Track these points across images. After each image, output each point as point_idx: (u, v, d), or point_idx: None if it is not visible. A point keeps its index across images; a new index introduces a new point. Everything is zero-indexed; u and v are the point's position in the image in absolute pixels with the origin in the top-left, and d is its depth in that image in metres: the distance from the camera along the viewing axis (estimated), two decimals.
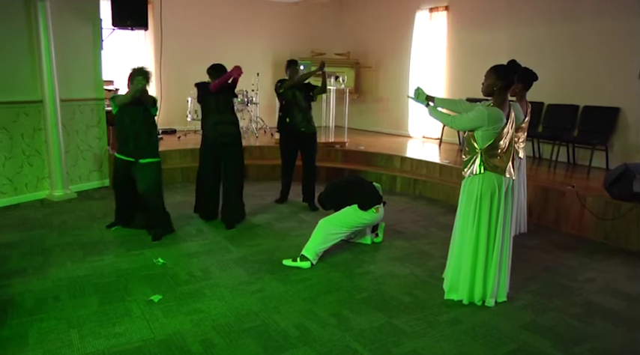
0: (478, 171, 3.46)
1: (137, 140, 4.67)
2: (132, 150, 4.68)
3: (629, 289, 3.94)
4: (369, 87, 11.02)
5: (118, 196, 4.97)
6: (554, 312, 3.48)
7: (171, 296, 3.55)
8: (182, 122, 9.26)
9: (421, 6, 9.57)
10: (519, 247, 4.56)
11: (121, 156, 4.75)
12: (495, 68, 3.43)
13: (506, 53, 7.33)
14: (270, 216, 5.67)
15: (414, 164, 7.53)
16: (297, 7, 10.35)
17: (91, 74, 6.40)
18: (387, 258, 4.50)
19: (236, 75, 5.07)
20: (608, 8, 6.74)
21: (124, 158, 4.74)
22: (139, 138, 4.67)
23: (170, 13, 9.05)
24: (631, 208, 4.80)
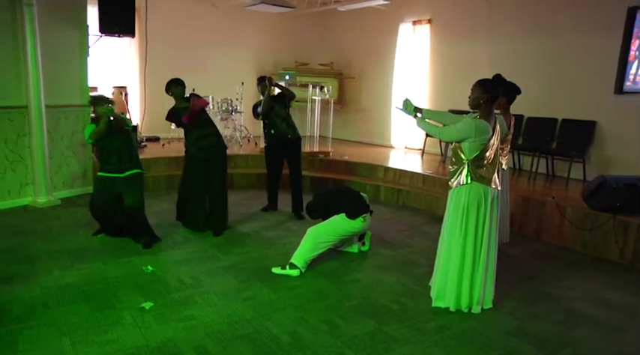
0: (465, 182, 3.56)
1: (119, 155, 4.74)
2: (115, 165, 4.73)
3: (607, 296, 4.08)
4: (352, 97, 11.15)
5: (99, 219, 4.92)
6: (538, 319, 3.59)
7: (162, 303, 3.56)
8: (166, 129, 9.21)
9: (404, 19, 9.75)
10: (502, 256, 4.66)
11: (105, 173, 4.77)
12: (481, 82, 3.56)
13: (487, 66, 7.54)
14: (257, 224, 5.70)
15: (397, 174, 7.65)
16: (281, 18, 10.44)
17: (76, 80, 6.38)
18: (374, 266, 4.57)
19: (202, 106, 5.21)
20: (584, 26, 6.99)
21: (109, 175, 4.76)
22: (121, 154, 4.74)
23: (156, 20, 9.05)
24: (608, 219, 4.97)
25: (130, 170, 4.77)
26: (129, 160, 4.79)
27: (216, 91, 9.24)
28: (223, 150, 5.34)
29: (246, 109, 9.80)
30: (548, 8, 7.43)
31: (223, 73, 10.04)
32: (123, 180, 4.73)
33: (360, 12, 9.90)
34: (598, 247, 5.08)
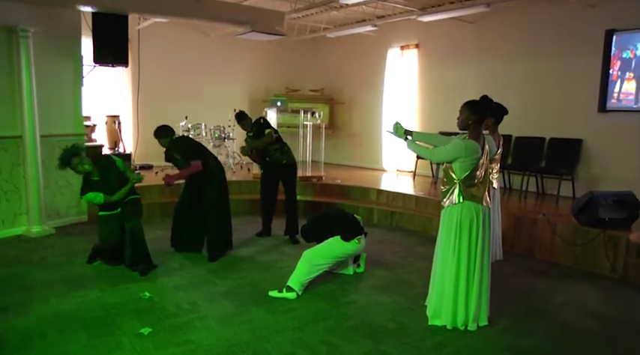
0: (457, 201, 3.63)
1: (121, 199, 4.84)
2: (117, 202, 4.82)
3: (601, 310, 4.14)
4: (343, 122, 11.30)
5: (108, 248, 4.97)
6: (533, 334, 3.64)
7: (160, 328, 3.56)
8: (159, 158, 9.23)
9: (392, 44, 9.98)
10: (496, 274, 4.70)
11: (109, 212, 4.84)
12: (469, 103, 3.67)
13: (475, 88, 7.71)
14: (252, 249, 5.73)
15: (390, 196, 7.72)
16: (271, 45, 10.63)
17: (71, 110, 6.46)
18: (369, 287, 4.61)
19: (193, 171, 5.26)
20: (566, 48, 7.21)
21: (112, 213, 4.84)
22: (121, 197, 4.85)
23: (148, 49, 9.20)
24: (598, 234, 5.06)
25: (128, 197, 4.88)
26: (127, 193, 4.89)
27: (208, 118, 9.34)
28: (214, 177, 5.37)
29: (238, 136, 9.90)
30: (531, 32, 7.67)
31: (215, 100, 10.17)
32: (123, 206, 4.82)
33: (349, 38, 10.12)
34: (589, 262, 5.15)
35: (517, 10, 7.64)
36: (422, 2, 8.04)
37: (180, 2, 6.92)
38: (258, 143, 6.03)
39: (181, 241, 5.47)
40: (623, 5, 6.63)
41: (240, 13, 7.53)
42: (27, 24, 5.69)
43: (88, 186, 4.71)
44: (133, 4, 6.63)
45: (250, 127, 6.13)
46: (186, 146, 5.38)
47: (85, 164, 4.62)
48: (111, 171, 4.82)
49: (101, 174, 4.73)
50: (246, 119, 6.16)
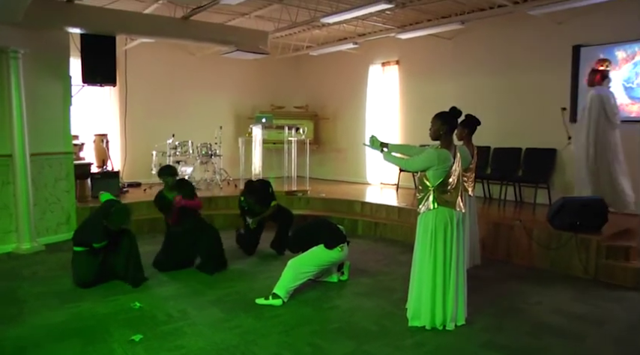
0: (432, 207, 3.85)
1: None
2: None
3: (572, 309, 4.36)
4: (327, 137, 11.54)
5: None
6: (509, 332, 3.84)
7: (151, 335, 3.70)
8: (147, 175, 9.42)
9: (374, 60, 10.28)
10: (475, 278, 4.92)
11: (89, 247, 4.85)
12: (439, 115, 3.92)
13: (454, 101, 7.79)
14: (239, 261, 5.87)
15: (373, 208, 7.92)
16: (256, 63, 10.88)
17: (60, 128, 6.60)
18: (353, 293, 4.78)
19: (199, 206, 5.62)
20: (539, 63, 7.54)
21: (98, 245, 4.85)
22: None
23: (135, 69, 9.41)
24: (570, 237, 5.31)
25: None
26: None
27: (195, 136, 9.52)
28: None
29: (224, 152, 10.10)
30: (505, 47, 8.01)
31: (202, 117, 10.37)
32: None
33: (332, 56, 10.42)
34: (563, 264, 5.38)
35: (491, 26, 7.98)
36: (401, 20, 8.36)
37: (167, 23, 7.16)
38: (266, 213, 6.14)
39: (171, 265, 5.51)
40: (589, 22, 7.00)
41: (225, 33, 7.78)
42: (17, 45, 5.85)
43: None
44: (120, 26, 6.85)
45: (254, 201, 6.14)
46: (190, 185, 5.71)
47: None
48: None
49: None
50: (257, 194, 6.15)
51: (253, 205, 6.08)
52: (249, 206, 6.11)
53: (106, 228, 4.76)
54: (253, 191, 6.12)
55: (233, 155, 10.42)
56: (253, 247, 6.25)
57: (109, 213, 4.81)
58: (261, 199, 6.11)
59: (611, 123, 6.16)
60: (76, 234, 5.01)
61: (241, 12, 8.01)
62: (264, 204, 6.12)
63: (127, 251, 4.87)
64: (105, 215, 4.80)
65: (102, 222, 4.77)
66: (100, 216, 4.86)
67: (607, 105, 6.13)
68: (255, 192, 6.11)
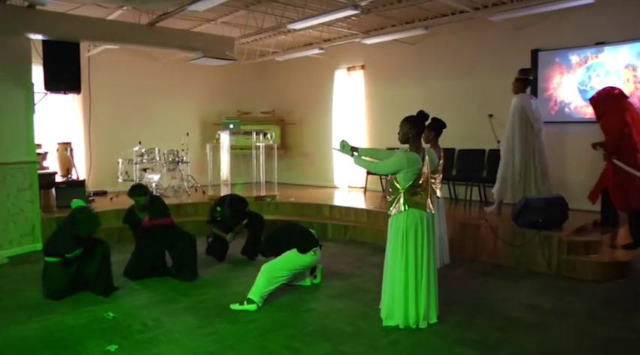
0: (403, 209, 3.95)
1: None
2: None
3: (538, 303, 4.54)
4: (294, 142, 11.60)
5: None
6: (479, 327, 3.97)
7: (127, 345, 3.66)
8: (113, 183, 9.27)
9: (339, 65, 10.41)
10: (445, 277, 5.03)
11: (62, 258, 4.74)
12: (407, 119, 4.03)
13: (419, 105, 7.94)
14: (211, 267, 5.85)
15: (342, 211, 8.02)
16: (222, 69, 10.85)
17: (23, 137, 6.44)
18: (326, 295, 4.84)
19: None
20: (500, 67, 7.76)
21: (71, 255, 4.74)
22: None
23: (98, 76, 9.23)
24: (534, 234, 5.52)
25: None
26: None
27: (162, 143, 9.41)
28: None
29: (192, 159, 10.02)
30: (467, 51, 8.25)
31: (168, 124, 10.27)
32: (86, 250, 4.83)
33: (298, 61, 10.49)
34: (528, 261, 5.59)
35: (454, 32, 8.20)
36: (365, 26, 8.51)
37: (133, 30, 7.08)
38: (237, 227, 6.17)
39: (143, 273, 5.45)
40: (545, 28, 7.30)
41: (191, 39, 7.76)
42: None
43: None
44: (85, 32, 6.74)
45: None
46: (162, 205, 5.65)
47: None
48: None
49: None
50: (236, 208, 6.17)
51: (228, 218, 6.05)
52: (223, 217, 6.07)
53: (77, 237, 4.67)
54: (233, 204, 6.12)
55: (200, 162, 10.35)
56: (223, 253, 6.23)
57: (75, 220, 4.73)
58: (238, 214, 6.11)
59: (533, 128, 6.46)
60: (47, 245, 4.90)
61: (207, 18, 7.99)
62: (238, 219, 6.13)
63: (100, 260, 4.80)
64: (72, 222, 4.72)
65: (71, 230, 4.68)
66: (68, 224, 4.77)
67: (529, 112, 6.44)
68: (234, 206, 6.10)
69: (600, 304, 4.51)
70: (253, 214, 6.37)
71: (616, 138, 5.56)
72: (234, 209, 6.08)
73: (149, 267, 5.39)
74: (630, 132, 5.52)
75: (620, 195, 5.63)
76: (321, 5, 6.92)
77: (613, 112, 5.65)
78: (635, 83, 6.61)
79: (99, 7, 7.08)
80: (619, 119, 5.57)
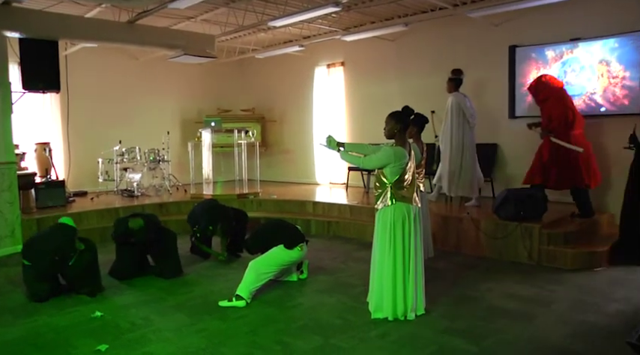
0: (390, 203, 4.02)
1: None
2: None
3: (520, 292, 4.67)
4: (275, 140, 11.60)
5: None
6: (465, 317, 4.06)
7: (117, 344, 3.65)
8: (93, 183, 9.17)
9: (319, 62, 10.44)
10: (429, 269, 5.09)
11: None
12: (392, 114, 4.10)
13: (399, 101, 8.14)
14: (196, 265, 5.85)
15: (325, 207, 8.07)
16: (201, 67, 10.79)
17: (1, 138, 6.29)
18: (314, 290, 4.89)
19: None
20: (478, 63, 7.91)
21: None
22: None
23: (76, 75, 9.10)
24: (515, 226, 5.65)
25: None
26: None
27: (142, 142, 9.33)
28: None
29: (173, 158, 9.95)
30: (446, 48, 8.35)
31: (148, 123, 10.18)
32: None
33: (277, 58, 10.50)
34: (510, 252, 5.73)
35: (433, 28, 8.30)
36: (345, 23, 8.56)
37: (113, 28, 7.00)
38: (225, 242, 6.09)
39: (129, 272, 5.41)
40: (522, 24, 7.45)
41: (172, 37, 7.71)
42: None
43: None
44: (63, 30, 6.64)
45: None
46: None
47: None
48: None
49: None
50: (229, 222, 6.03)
51: (219, 233, 5.95)
52: (213, 233, 5.98)
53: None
54: (227, 216, 6.00)
55: (181, 160, 10.30)
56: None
57: (66, 256, 4.58)
58: (230, 228, 6.00)
59: (469, 123, 6.87)
60: (26, 250, 4.76)
61: (187, 15, 7.95)
62: (229, 232, 6.03)
63: (88, 260, 4.74)
64: (59, 254, 4.56)
65: (53, 257, 4.53)
66: (51, 250, 4.54)
67: (465, 108, 6.83)
68: (227, 217, 5.99)
69: (579, 292, 4.64)
70: (237, 211, 6.37)
71: (561, 123, 6.09)
72: (227, 222, 5.95)
73: (135, 267, 5.35)
74: (574, 119, 6.11)
75: (555, 173, 6.11)
76: (302, 2, 6.94)
77: (556, 98, 6.23)
78: (608, 78, 6.79)
79: (77, 4, 6.98)
80: (562, 104, 6.17)
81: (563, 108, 6.14)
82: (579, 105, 6.85)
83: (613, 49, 6.72)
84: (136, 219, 5.27)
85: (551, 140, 6.12)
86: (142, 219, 5.28)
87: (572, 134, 6.09)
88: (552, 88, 6.36)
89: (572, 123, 6.09)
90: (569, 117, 6.06)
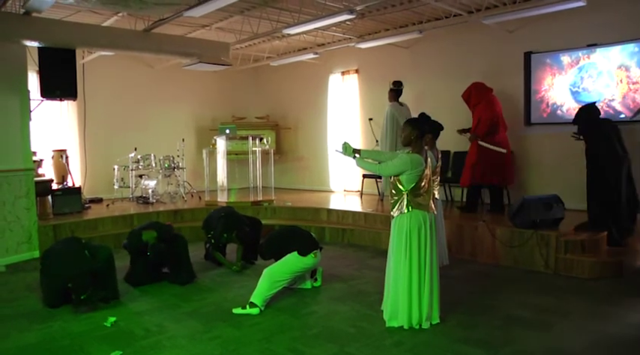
0: (406, 210, 3.98)
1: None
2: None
3: (536, 301, 4.59)
4: (289, 147, 11.62)
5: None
6: (481, 326, 4.01)
7: (131, 351, 3.65)
8: (109, 190, 9.25)
9: (333, 70, 10.45)
10: (444, 278, 5.03)
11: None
12: (409, 121, 4.08)
13: (413, 107, 8.20)
14: (211, 272, 5.85)
15: (339, 215, 8.03)
16: (216, 75, 10.87)
17: (19, 145, 6.40)
18: (328, 298, 4.86)
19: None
20: (493, 70, 7.88)
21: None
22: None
23: (93, 83, 9.23)
24: (531, 234, 5.57)
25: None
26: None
27: (157, 149, 9.42)
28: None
29: (187, 165, 10.01)
30: (460, 54, 8.32)
31: (163, 130, 10.27)
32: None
33: (292, 66, 10.53)
34: (526, 261, 5.64)
35: (447, 35, 8.28)
36: (359, 30, 8.57)
37: (129, 36, 7.08)
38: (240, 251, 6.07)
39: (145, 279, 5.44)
40: (537, 31, 7.39)
41: (187, 45, 7.77)
42: None
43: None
44: (80, 39, 6.73)
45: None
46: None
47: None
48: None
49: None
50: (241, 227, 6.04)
51: (234, 240, 5.95)
52: (228, 241, 5.99)
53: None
54: (242, 224, 5.99)
55: (196, 167, 10.35)
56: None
57: (78, 288, 4.49)
58: (245, 235, 5.98)
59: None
60: (43, 262, 4.78)
61: (202, 24, 8.01)
62: (243, 240, 6.02)
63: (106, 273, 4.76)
64: (72, 283, 4.50)
65: (66, 283, 4.50)
66: (66, 276, 4.50)
67: (399, 117, 7.62)
68: (242, 225, 5.99)
69: (599, 302, 4.55)
70: (251, 219, 6.37)
71: (488, 127, 6.86)
72: (241, 228, 5.95)
73: (149, 273, 5.38)
74: (498, 123, 6.90)
75: (479, 171, 6.95)
76: (317, 10, 6.96)
77: (486, 102, 6.99)
78: (628, 84, 6.70)
79: (94, 13, 7.09)
80: (491, 109, 6.93)
81: (491, 112, 6.86)
82: None
83: (633, 54, 6.63)
84: (149, 231, 5.29)
85: (479, 143, 6.87)
86: (154, 230, 5.30)
87: (497, 137, 6.83)
88: (483, 93, 7.08)
89: (497, 127, 6.85)
90: (495, 120, 6.80)
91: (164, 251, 5.25)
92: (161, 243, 5.24)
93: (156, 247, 5.21)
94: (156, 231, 5.29)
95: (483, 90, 7.15)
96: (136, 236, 5.31)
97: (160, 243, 5.24)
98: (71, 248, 4.79)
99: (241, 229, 5.93)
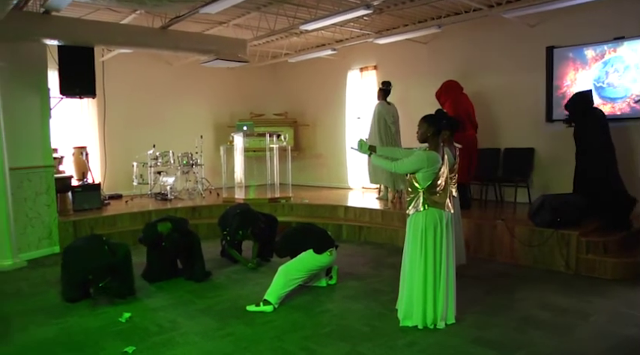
0: (421, 208, 3.92)
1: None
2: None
3: (555, 302, 4.48)
4: (307, 144, 11.59)
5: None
6: (496, 327, 3.92)
7: (144, 346, 3.68)
8: (128, 186, 9.36)
9: (352, 66, 10.38)
10: (461, 277, 4.96)
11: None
12: (425, 118, 4.00)
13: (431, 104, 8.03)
14: (226, 269, 5.86)
15: (357, 212, 7.98)
16: (234, 72, 10.89)
17: (39, 142, 6.51)
18: (343, 296, 4.82)
19: None
20: (514, 65, 7.73)
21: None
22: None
23: (112, 80, 9.33)
24: (551, 233, 5.45)
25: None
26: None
27: (175, 146, 9.49)
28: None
29: (206, 162, 10.06)
30: (480, 50, 8.18)
31: (182, 127, 10.33)
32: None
33: (310, 62, 10.48)
34: (546, 260, 5.52)
35: (466, 30, 8.14)
36: (377, 26, 8.48)
37: (147, 34, 7.13)
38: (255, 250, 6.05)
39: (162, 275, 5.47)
40: (560, 24, 7.21)
41: (204, 42, 7.79)
42: None
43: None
44: (99, 37, 6.80)
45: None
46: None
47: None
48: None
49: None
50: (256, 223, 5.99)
51: (250, 237, 5.93)
52: (244, 238, 5.96)
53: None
54: (257, 221, 5.96)
55: (214, 164, 10.39)
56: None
57: (97, 278, 4.59)
58: (260, 233, 5.95)
59: (391, 129, 7.89)
60: (64, 257, 4.86)
61: (219, 21, 8.02)
62: (259, 237, 5.99)
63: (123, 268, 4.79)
64: (92, 274, 4.59)
65: (86, 275, 4.59)
66: (86, 269, 4.59)
67: (386, 116, 7.87)
68: (257, 222, 5.95)
69: (620, 304, 4.43)
70: (268, 216, 6.36)
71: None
72: (255, 225, 5.91)
73: (165, 270, 5.41)
74: (463, 121, 6.77)
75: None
76: (334, 6, 6.90)
77: (452, 102, 7.09)
78: None
79: (112, 11, 7.16)
80: (455, 109, 6.94)
81: (454, 111, 6.85)
82: (623, 108, 6.58)
83: None
84: (164, 222, 5.32)
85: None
86: (170, 222, 5.33)
87: (463, 135, 6.50)
88: (450, 92, 7.26)
89: (464, 124, 6.74)
90: (458, 119, 6.43)
91: (179, 241, 5.29)
92: (175, 233, 5.27)
93: (171, 236, 5.25)
94: (171, 223, 5.32)
95: (451, 89, 7.32)
96: (152, 228, 5.35)
97: (174, 233, 5.27)
98: (92, 244, 4.85)
99: (257, 226, 5.92)
